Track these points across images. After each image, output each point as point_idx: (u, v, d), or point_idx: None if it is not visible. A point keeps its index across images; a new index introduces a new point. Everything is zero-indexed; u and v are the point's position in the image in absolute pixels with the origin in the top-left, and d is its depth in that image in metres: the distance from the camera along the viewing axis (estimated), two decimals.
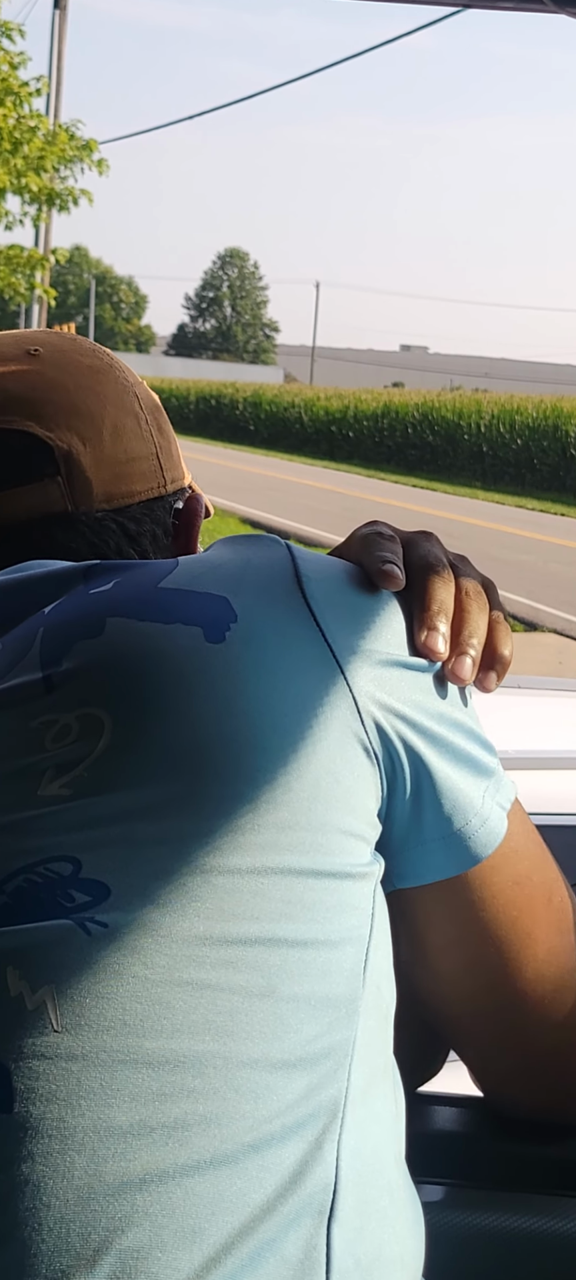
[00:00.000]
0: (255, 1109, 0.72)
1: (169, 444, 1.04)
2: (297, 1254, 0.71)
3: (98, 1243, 0.68)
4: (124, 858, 0.74)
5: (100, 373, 1.01)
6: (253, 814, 0.75)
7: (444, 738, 0.83)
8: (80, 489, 0.96)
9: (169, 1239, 0.69)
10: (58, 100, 18.48)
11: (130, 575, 0.84)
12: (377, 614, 0.84)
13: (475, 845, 0.84)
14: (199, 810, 0.75)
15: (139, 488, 0.99)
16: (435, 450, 31.30)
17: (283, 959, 0.74)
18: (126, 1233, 0.69)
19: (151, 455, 1.00)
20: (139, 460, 0.99)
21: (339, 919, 0.77)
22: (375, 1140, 0.77)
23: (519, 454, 28.50)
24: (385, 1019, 0.80)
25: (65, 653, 0.80)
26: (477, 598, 0.89)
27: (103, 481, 0.96)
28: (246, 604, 0.81)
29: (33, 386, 0.97)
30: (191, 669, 0.78)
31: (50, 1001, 0.72)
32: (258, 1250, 0.70)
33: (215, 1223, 0.70)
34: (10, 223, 13.18)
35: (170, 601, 0.81)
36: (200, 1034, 0.72)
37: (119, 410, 0.99)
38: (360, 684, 0.80)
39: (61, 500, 0.95)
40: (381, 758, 0.80)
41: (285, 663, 0.79)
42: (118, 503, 0.97)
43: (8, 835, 0.76)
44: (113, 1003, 0.72)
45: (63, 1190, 0.69)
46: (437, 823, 0.83)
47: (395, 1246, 0.77)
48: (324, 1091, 0.74)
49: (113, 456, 0.97)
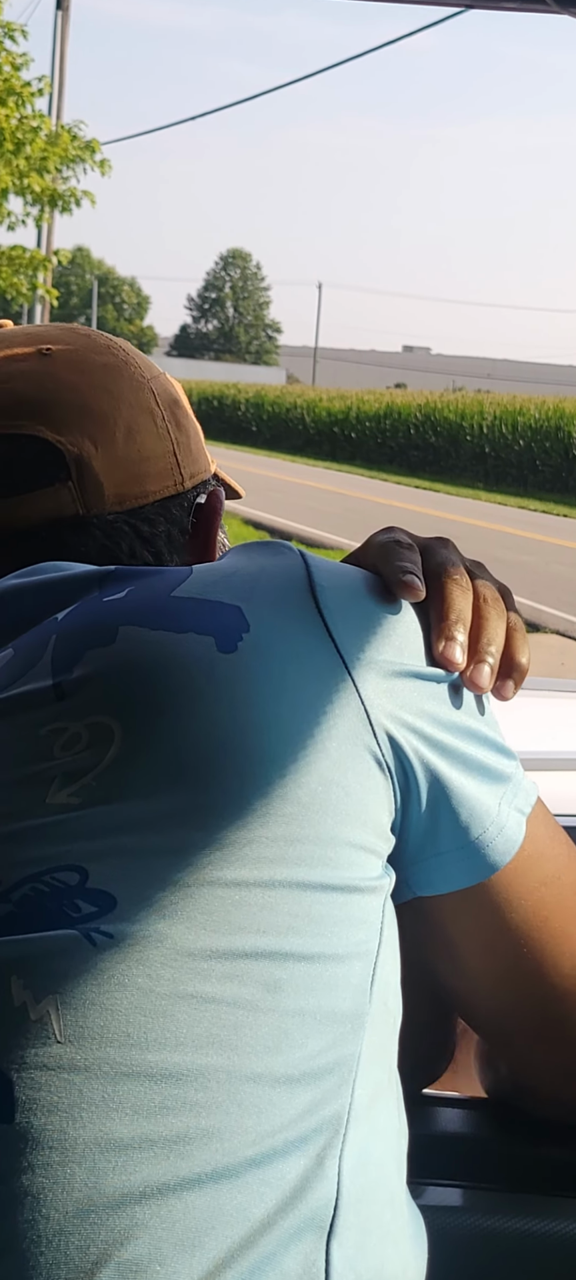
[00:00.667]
0: (257, 1123, 0.71)
1: (188, 438, 1.02)
2: (297, 1269, 0.71)
3: (96, 1255, 0.68)
4: (131, 868, 0.74)
5: (115, 370, 0.99)
6: (261, 826, 0.75)
7: (458, 749, 0.82)
8: (92, 492, 0.94)
9: (168, 1252, 0.68)
10: (60, 101, 18.48)
11: (144, 583, 0.84)
12: (391, 623, 0.83)
13: (492, 854, 0.83)
14: (207, 821, 0.75)
15: (153, 487, 0.97)
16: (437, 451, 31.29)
17: (288, 973, 0.74)
18: (125, 1246, 0.68)
19: (167, 453, 0.99)
20: (154, 459, 0.98)
21: (346, 933, 0.76)
22: (378, 1155, 0.76)
23: (521, 455, 28.49)
24: (391, 1033, 0.80)
25: (77, 660, 0.80)
26: (495, 605, 0.89)
27: (115, 483, 0.95)
28: (259, 614, 0.80)
29: (44, 388, 0.96)
30: (203, 679, 0.77)
31: (53, 1012, 0.71)
32: (257, 1265, 0.70)
33: (214, 1237, 0.69)
34: (13, 223, 13.18)
35: (183, 610, 0.80)
36: (204, 1047, 0.71)
37: (133, 409, 0.98)
38: (372, 696, 0.80)
39: (73, 504, 0.94)
40: (394, 771, 0.80)
41: (296, 673, 0.79)
42: (130, 504, 0.96)
43: (15, 843, 0.76)
44: (116, 1014, 0.71)
45: (62, 1202, 0.69)
46: (454, 833, 0.82)
47: (396, 1262, 0.77)
48: (327, 1106, 0.74)
49: (126, 457, 0.96)
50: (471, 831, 0.83)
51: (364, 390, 40.23)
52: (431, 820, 0.82)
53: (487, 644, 0.86)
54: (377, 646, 0.81)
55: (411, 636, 0.83)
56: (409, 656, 0.82)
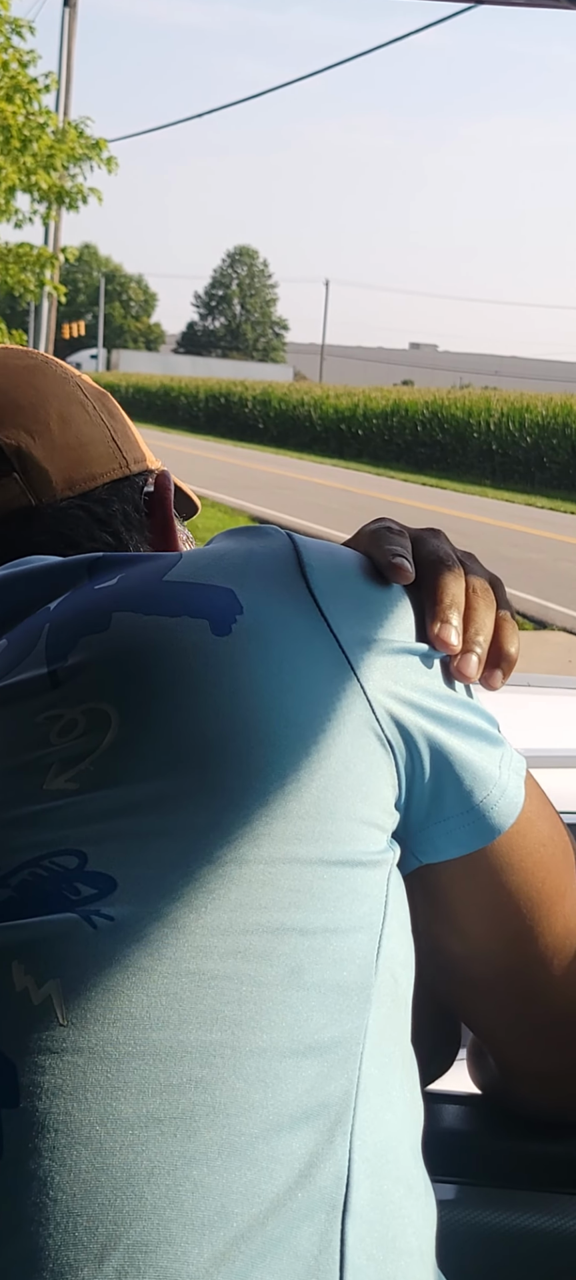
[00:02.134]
0: (265, 1098, 0.71)
1: (124, 427, 1.05)
2: (311, 1248, 0.70)
3: (105, 1236, 0.68)
4: (130, 850, 0.74)
5: (35, 370, 1.02)
6: (261, 805, 0.75)
7: (456, 717, 0.84)
8: (38, 480, 0.96)
9: (177, 1232, 0.68)
10: (67, 98, 18.50)
11: (135, 569, 0.85)
12: (382, 602, 0.84)
13: (497, 816, 0.85)
14: (206, 803, 0.75)
15: (99, 470, 0.99)
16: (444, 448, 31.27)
17: (292, 947, 0.74)
18: (134, 1226, 0.68)
19: (106, 439, 1.01)
20: (93, 444, 1.00)
21: (349, 906, 0.76)
22: (389, 1131, 0.76)
23: (528, 452, 28.46)
24: (401, 1007, 0.80)
25: (71, 648, 0.80)
26: (484, 595, 0.90)
27: (60, 469, 0.97)
28: (251, 596, 0.81)
29: None
30: (198, 662, 0.78)
31: (56, 995, 0.71)
32: (269, 1244, 0.69)
33: (225, 1215, 0.69)
34: (20, 220, 13.18)
35: (176, 594, 0.81)
36: (208, 1024, 0.71)
37: (61, 400, 1.01)
38: (369, 674, 0.80)
39: (22, 495, 0.96)
40: (396, 746, 0.81)
41: (291, 654, 0.79)
42: (80, 488, 0.98)
43: (13, 829, 0.76)
44: (119, 995, 0.71)
45: (69, 1184, 0.69)
46: (459, 798, 0.83)
47: (411, 1239, 0.76)
48: (335, 1081, 0.74)
49: (64, 443, 0.98)
50: (475, 795, 0.84)
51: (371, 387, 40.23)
52: (435, 788, 0.83)
53: (475, 633, 0.87)
54: (370, 625, 0.82)
55: (402, 614, 0.84)
56: (401, 633, 0.83)
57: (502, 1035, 0.98)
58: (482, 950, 0.92)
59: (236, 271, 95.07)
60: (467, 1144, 1.06)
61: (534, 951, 0.90)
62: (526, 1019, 0.95)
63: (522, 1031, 0.96)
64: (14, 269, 13.25)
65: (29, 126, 12.27)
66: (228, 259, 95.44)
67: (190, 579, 0.82)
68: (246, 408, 41.57)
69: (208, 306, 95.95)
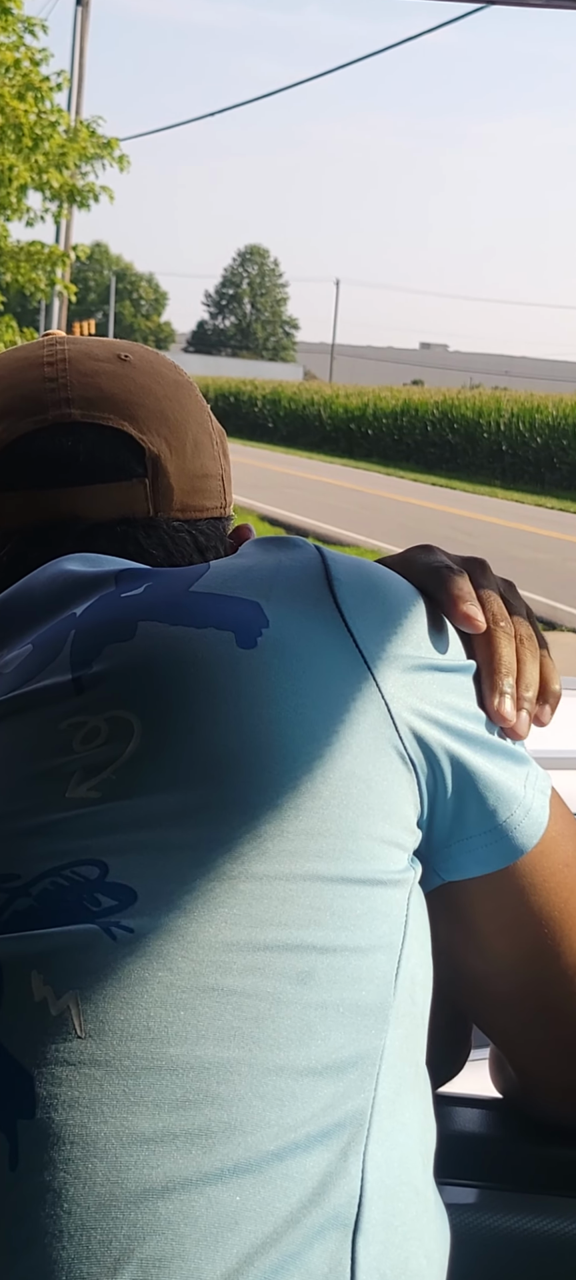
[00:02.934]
0: (280, 1117, 0.71)
1: (230, 469, 1.06)
2: (322, 1268, 0.70)
3: (119, 1251, 0.67)
4: (151, 862, 0.74)
5: (183, 387, 1.03)
6: (281, 820, 0.75)
7: (481, 735, 0.84)
8: (163, 495, 0.97)
9: (191, 1248, 0.68)
10: (79, 97, 18.52)
11: (161, 579, 0.84)
12: (408, 617, 0.84)
13: (520, 836, 0.84)
14: (227, 816, 0.75)
15: (208, 504, 1.01)
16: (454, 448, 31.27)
17: (311, 965, 0.74)
18: (148, 1241, 0.68)
19: (219, 475, 1.03)
20: (211, 478, 1.01)
21: (369, 926, 0.76)
22: (402, 1150, 0.76)
23: (538, 453, 28.45)
24: (418, 1027, 0.80)
25: (96, 655, 0.80)
26: (530, 643, 0.91)
27: (182, 491, 0.98)
28: (278, 609, 0.81)
29: (127, 389, 0.99)
30: (223, 674, 0.78)
31: (74, 1007, 0.71)
32: (281, 1262, 0.69)
33: (238, 1232, 0.69)
34: (31, 219, 13.20)
35: (202, 606, 0.81)
36: (225, 1040, 0.71)
37: (199, 427, 1.02)
38: (393, 691, 0.80)
39: (145, 503, 0.97)
40: (418, 764, 0.80)
41: (316, 669, 0.79)
42: (191, 515, 0.99)
43: (35, 837, 0.76)
44: (137, 1009, 0.71)
45: (84, 1197, 0.68)
46: (482, 817, 0.83)
47: (422, 1259, 0.76)
48: (351, 1100, 0.73)
49: (192, 469, 0.99)
50: (499, 814, 0.83)
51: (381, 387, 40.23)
52: (458, 807, 0.82)
53: (526, 689, 0.88)
54: (396, 641, 0.82)
55: (427, 629, 0.84)
56: (426, 650, 0.83)
57: (522, 1047, 0.98)
58: (503, 966, 0.91)
59: (247, 270, 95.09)
60: (484, 1147, 1.05)
61: (555, 969, 0.90)
62: (546, 1033, 0.94)
63: (542, 1044, 0.96)
64: (25, 267, 13.27)
65: (41, 125, 12.29)
66: (238, 258, 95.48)
67: (217, 590, 0.82)
68: (256, 407, 41.59)
69: (218, 305, 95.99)
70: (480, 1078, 1.10)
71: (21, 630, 0.86)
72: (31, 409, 0.97)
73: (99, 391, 0.98)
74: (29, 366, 1.00)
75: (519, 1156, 1.04)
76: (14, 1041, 0.71)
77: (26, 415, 0.97)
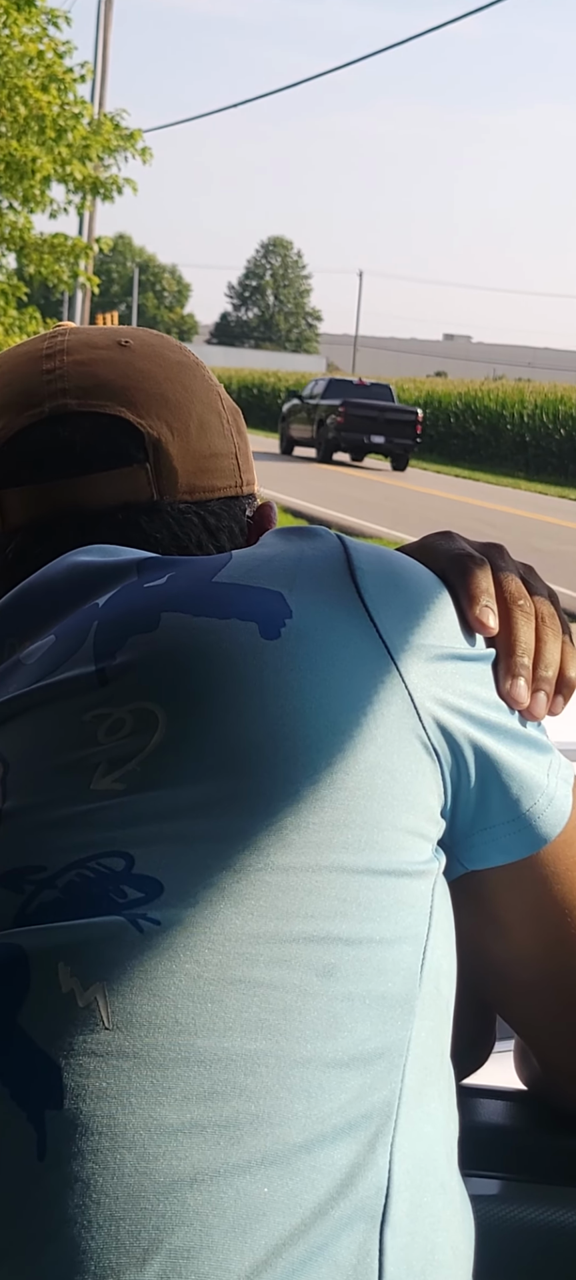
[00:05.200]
0: (308, 1108, 0.71)
1: (246, 446, 1.05)
2: (350, 1259, 0.70)
3: (147, 1241, 0.68)
4: (177, 854, 0.74)
5: (187, 368, 1.02)
6: (307, 811, 0.75)
7: (504, 724, 0.83)
8: (166, 478, 0.96)
9: (219, 1239, 0.68)
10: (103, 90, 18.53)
11: (184, 569, 0.84)
12: (430, 607, 0.83)
13: (544, 825, 0.84)
14: (253, 807, 0.74)
15: (219, 484, 0.99)
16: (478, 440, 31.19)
17: (337, 957, 0.73)
18: (176, 1232, 0.68)
19: (231, 454, 1.01)
20: (221, 457, 1.00)
21: (395, 917, 0.76)
22: (428, 1141, 0.76)
23: (562, 444, 28.34)
24: (443, 1018, 0.80)
25: (120, 646, 0.80)
26: (552, 623, 0.90)
27: (187, 473, 0.97)
28: (301, 599, 0.80)
29: (125, 374, 0.98)
30: (247, 665, 0.78)
31: (101, 998, 0.71)
32: (309, 1254, 0.69)
33: (265, 1224, 0.69)
34: (55, 211, 13.22)
35: (226, 596, 0.81)
36: (252, 1032, 0.71)
37: (204, 406, 1.00)
38: (416, 681, 0.80)
39: (148, 488, 0.96)
40: (442, 754, 0.80)
41: (339, 659, 0.79)
42: (199, 496, 0.98)
43: (60, 829, 0.76)
44: (164, 1000, 0.71)
45: (112, 1188, 0.68)
46: (506, 806, 0.83)
47: (448, 1250, 0.76)
48: (377, 1092, 0.73)
49: (198, 450, 0.98)
50: (523, 804, 0.83)
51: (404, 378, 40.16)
52: (481, 796, 0.82)
53: (545, 669, 0.87)
54: (419, 631, 0.82)
55: (449, 618, 0.84)
56: (449, 639, 0.83)
57: (546, 1037, 0.98)
58: (526, 955, 0.91)
59: (270, 262, 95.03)
60: (508, 1139, 1.05)
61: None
62: (569, 1021, 0.94)
63: (565, 1032, 0.95)
64: (48, 259, 13.28)
65: (64, 117, 12.29)
66: (261, 250, 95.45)
67: (240, 581, 0.82)
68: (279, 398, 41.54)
69: (241, 297, 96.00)
70: (504, 1070, 1.10)
71: (43, 621, 0.86)
72: (29, 403, 0.97)
73: (95, 379, 0.97)
74: (29, 360, 1.00)
75: (543, 1148, 1.04)
76: (41, 1033, 0.71)
77: (24, 409, 0.96)
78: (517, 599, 0.88)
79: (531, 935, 0.90)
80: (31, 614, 0.87)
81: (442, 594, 0.85)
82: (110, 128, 12.85)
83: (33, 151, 12.22)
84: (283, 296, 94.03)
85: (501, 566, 0.90)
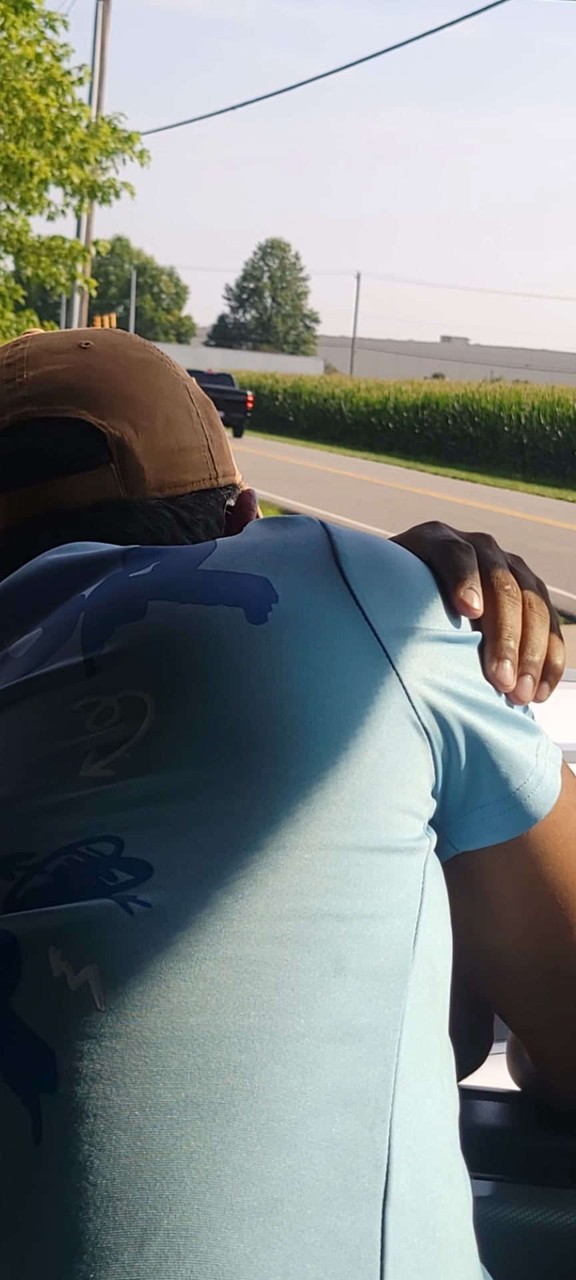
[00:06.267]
0: (303, 1084, 0.71)
1: (220, 438, 1.05)
2: (352, 1236, 0.70)
3: (145, 1221, 0.68)
4: (166, 837, 0.74)
5: (151, 365, 1.02)
6: (296, 792, 0.75)
7: (492, 705, 0.84)
8: (133, 476, 0.96)
9: (217, 1217, 0.68)
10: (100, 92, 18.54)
11: (169, 558, 0.85)
12: (416, 590, 0.84)
13: (533, 803, 0.85)
14: (242, 790, 0.75)
15: (191, 477, 0.99)
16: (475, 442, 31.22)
17: (329, 933, 0.74)
18: (174, 1211, 0.68)
19: (203, 447, 1.01)
20: (191, 451, 1.00)
21: (386, 893, 0.77)
22: (429, 1119, 0.76)
23: (559, 446, 28.38)
24: (439, 994, 0.80)
25: (107, 636, 0.81)
26: (539, 610, 0.91)
27: (155, 470, 0.97)
28: (286, 584, 0.81)
29: (85, 377, 0.98)
30: (234, 650, 0.78)
31: (93, 981, 0.72)
32: (310, 1231, 0.69)
33: (265, 1201, 0.69)
34: (52, 213, 13.21)
35: (212, 583, 0.82)
36: (245, 1009, 0.71)
37: (170, 402, 1.00)
38: (405, 662, 0.81)
39: (115, 488, 0.96)
40: (432, 734, 0.81)
41: (327, 642, 0.79)
42: (170, 491, 0.98)
43: (50, 816, 0.77)
44: (156, 981, 0.71)
45: (109, 1169, 0.69)
46: (495, 786, 0.84)
47: (451, 1228, 0.76)
48: (373, 1067, 0.74)
49: (165, 446, 0.98)
50: (512, 783, 0.84)
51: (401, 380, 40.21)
52: (472, 775, 0.83)
53: (531, 653, 0.88)
54: (406, 613, 0.83)
55: (435, 602, 0.85)
56: (435, 622, 0.84)
57: (538, 1029, 0.98)
58: (517, 941, 0.92)
59: (268, 264, 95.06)
60: (504, 1140, 1.05)
61: (568, 943, 0.90)
62: (561, 1012, 0.95)
63: (557, 1025, 0.96)
64: (46, 262, 13.28)
65: (62, 119, 12.29)
66: (259, 252, 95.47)
67: (225, 568, 0.83)
68: (277, 400, 41.61)
69: (239, 299, 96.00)
70: (499, 1072, 1.10)
71: (29, 615, 0.87)
72: None
73: (55, 384, 0.98)
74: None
75: (537, 1149, 1.04)
76: (34, 1017, 0.72)
77: None
78: (504, 584, 0.89)
79: (522, 919, 0.90)
80: (17, 608, 0.88)
81: (428, 578, 0.86)
82: (108, 130, 12.85)
83: (30, 154, 12.22)
84: (280, 299, 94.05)
85: (488, 553, 0.91)
